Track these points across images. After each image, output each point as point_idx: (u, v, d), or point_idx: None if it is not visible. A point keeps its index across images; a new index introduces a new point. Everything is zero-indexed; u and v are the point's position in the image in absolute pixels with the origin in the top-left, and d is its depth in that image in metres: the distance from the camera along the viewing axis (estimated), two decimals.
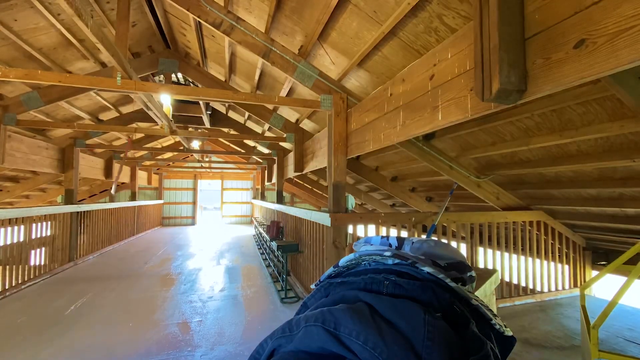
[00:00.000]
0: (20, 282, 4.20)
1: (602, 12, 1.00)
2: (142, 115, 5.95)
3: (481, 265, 3.58)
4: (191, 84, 6.10)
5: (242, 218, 13.69)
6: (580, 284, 3.93)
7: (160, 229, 11.68)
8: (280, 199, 7.17)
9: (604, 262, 3.94)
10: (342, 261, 0.56)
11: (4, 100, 3.98)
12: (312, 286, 0.55)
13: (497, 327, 0.44)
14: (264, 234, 5.87)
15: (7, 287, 3.95)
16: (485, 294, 0.91)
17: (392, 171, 5.06)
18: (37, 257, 4.75)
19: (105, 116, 6.07)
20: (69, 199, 5.53)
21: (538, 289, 3.75)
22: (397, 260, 0.51)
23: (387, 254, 0.53)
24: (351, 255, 0.57)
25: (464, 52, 1.61)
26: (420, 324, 0.37)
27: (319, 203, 11.61)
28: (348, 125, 3.16)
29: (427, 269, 0.47)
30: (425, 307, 0.41)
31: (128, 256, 6.52)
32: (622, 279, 3.93)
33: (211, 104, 6.23)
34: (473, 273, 0.57)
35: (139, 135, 7.63)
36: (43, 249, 4.94)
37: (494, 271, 1.05)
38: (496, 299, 3.54)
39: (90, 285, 4.37)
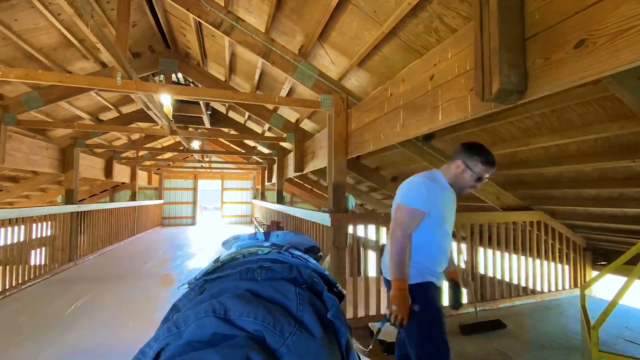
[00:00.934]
0: (20, 282, 4.20)
1: (603, 12, 1.00)
2: (142, 115, 5.94)
3: (481, 265, 3.58)
4: (191, 84, 6.10)
5: (242, 218, 13.69)
6: (581, 284, 3.93)
7: (160, 229, 11.67)
8: (280, 199, 7.17)
9: (604, 262, 3.93)
10: (223, 256, 0.64)
11: (4, 100, 3.97)
12: (180, 288, 0.61)
13: (340, 289, 0.60)
14: None
15: (7, 287, 3.95)
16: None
17: (393, 171, 5.05)
18: (37, 257, 4.75)
19: (105, 116, 6.07)
20: (69, 199, 5.52)
21: (538, 289, 3.75)
22: (272, 250, 0.63)
23: (266, 244, 0.67)
24: (232, 250, 0.68)
25: (464, 52, 1.61)
26: (293, 295, 0.49)
27: (319, 203, 11.60)
28: (348, 125, 3.16)
29: (297, 252, 0.62)
30: (294, 282, 0.53)
31: (128, 256, 6.52)
32: (622, 279, 3.92)
33: (211, 104, 6.23)
34: (321, 253, 0.72)
35: (139, 135, 7.63)
36: (43, 249, 4.94)
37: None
38: (497, 299, 3.54)
39: (90, 285, 4.37)
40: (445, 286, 1.71)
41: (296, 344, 0.42)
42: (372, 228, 3.37)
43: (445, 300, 1.71)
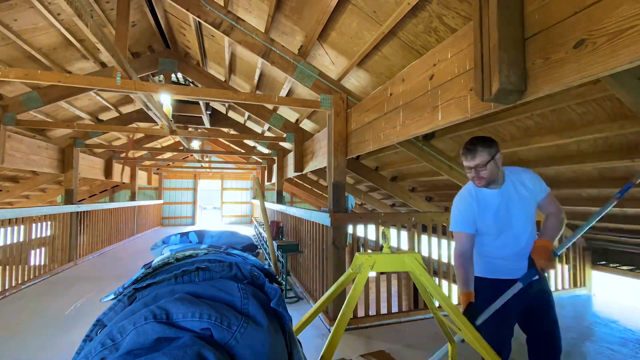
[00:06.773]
0: (20, 282, 4.19)
1: (602, 12, 1.00)
2: (142, 115, 5.94)
3: None
4: (191, 84, 6.10)
5: (242, 218, 13.69)
6: (580, 284, 3.93)
7: (160, 228, 11.67)
8: (280, 199, 7.17)
9: (604, 262, 3.94)
10: (155, 261, 0.63)
11: (3, 100, 3.97)
12: (105, 299, 0.58)
13: (280, 279, 0.63)
14: (264, 234, 5.86)
15: (7, 287, 3.94)
16: None
17: (392, 171, 5.06)
18: (37, 257, 4.75)
19: (105, 116, 6.07)
20: (68, 199, 5.52)
21: None
22: (211, 251, 0.62)
23: (203, 247, 0.67)
24: (165, 255, 0.66)
25: (463, 52, 1.61)
26: (236, 291, 0.50)
27: (319, 203, 11.60)
28: (348, 125, 3.16)
29: (235, 251, 0.63)
30: (235, 279, 0.55)
31: (128, 256, 6.53)
32: (622, 279, 3.92)
33: (211, 104, 6.23)
34: (260, 250, 0.69)
35: (139, 135, 7.63)
36: (43, 249, 4.93)
37: None
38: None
39: (90, 285, 4.37)
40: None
41: (244, 336, 0.43)
42: (371, 228, 3.37)
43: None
